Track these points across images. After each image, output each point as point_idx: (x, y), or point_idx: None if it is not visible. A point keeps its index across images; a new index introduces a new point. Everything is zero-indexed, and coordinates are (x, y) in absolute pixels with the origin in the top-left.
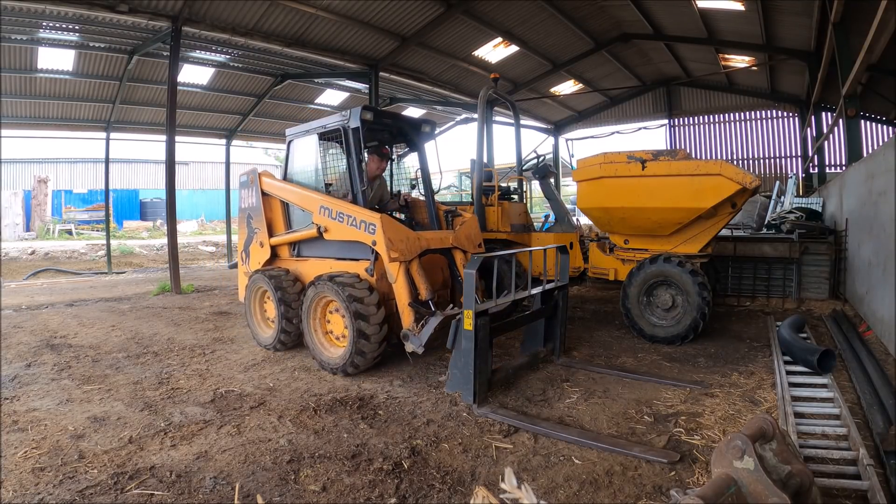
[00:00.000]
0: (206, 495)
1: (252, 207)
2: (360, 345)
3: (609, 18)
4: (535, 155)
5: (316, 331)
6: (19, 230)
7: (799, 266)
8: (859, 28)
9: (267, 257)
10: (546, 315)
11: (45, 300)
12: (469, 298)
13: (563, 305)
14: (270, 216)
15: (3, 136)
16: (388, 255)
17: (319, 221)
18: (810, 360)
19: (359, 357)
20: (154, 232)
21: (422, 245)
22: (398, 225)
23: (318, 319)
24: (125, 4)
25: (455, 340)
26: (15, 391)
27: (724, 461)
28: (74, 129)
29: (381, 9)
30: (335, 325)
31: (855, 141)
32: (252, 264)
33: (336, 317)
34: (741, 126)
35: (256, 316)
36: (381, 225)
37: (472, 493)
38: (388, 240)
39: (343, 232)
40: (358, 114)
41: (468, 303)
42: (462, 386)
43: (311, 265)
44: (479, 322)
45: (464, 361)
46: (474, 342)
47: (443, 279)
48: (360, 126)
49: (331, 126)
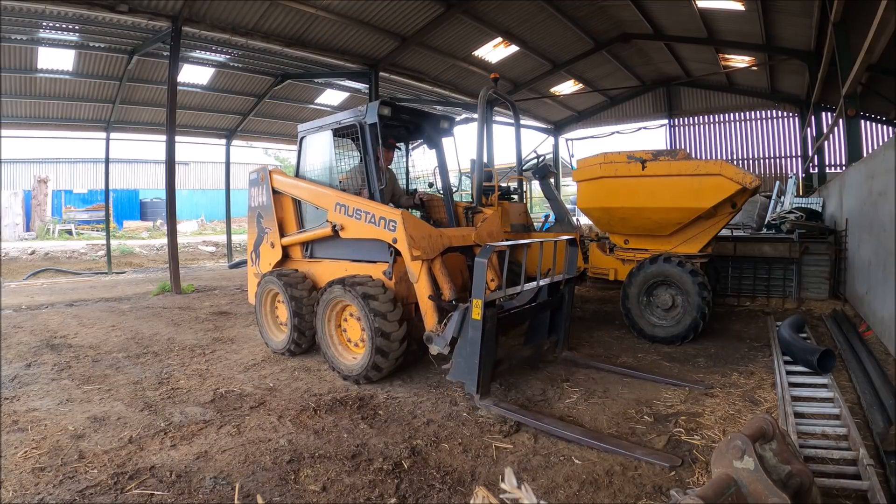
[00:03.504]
0: (206, 495)
1: (262, 206)
2: (380, 344)
3: (609, 18)
4: (535, 155)
5: (332, 338)
6: (19, 230)
7: (799, 266)
8: (859, 28)
9: (278, 258)
10: (552, 307)
11: (45, 300)
12: (479, 288)
13: (569, 299)
14: (282, 215)
15: (3, 136)
16: (411, 252)
17: (335, 219)
18: (810, 360)
19: (380, 357)
20: (154, 232)
21: (444, 243)
22: (420, 222)
23: (333, 326)
24: (125, 4)
25: (462, 329)
26: (15, 391)
27: (724, 461)
28: (74, 129)
29: (381, 9)
30: (352, 331)
31: (855, 141)
32: (262, 265)
33: (352, 321)
34: (741, 126)
35: (267, 319)
36: (402, 221)
37: (472, 493)
38: (409, 237)
39: (361, 230)
40: (375, 109)
41: (478, 292)
42: (466, 375)
43: (325, 267)
44: (487, 312)
45: (469, 350)
46: (482, 332)
47: (462, 280)
48: (378, 122)
49: (346, 122)
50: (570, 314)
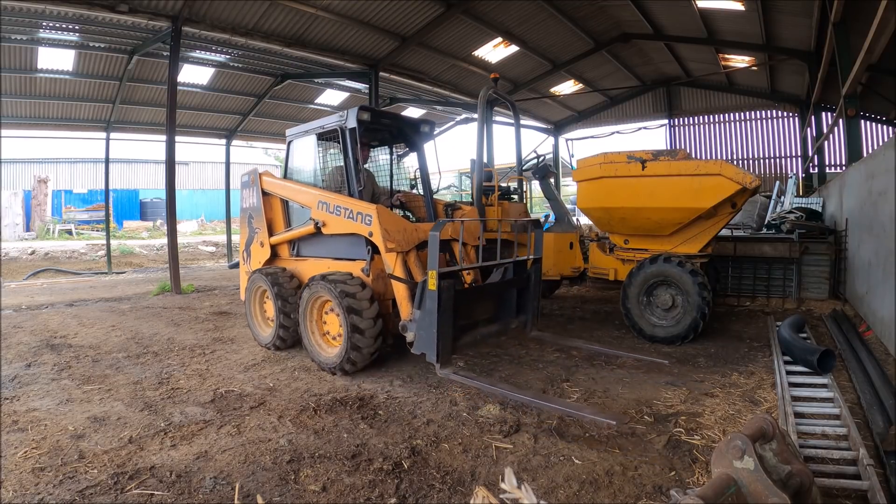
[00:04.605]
0: (206, 495)
1: (253, 207)
2: (355, 339)
3: (609, 18)
4: (535, 155)
5: (313, 332)
6: (19, 230)
7: (799, 266)
8: (859, 28)
9: (267, 256)
10: (517, 286)
11: (45, 300)
12: (433, 260)
13: (535, 279)
14: (271, 215)
15: (3, 136)
16: (385, 245)
17: (318, 216)
18: (810, 360)
19: (354, 353)
20: (154, 232)
21: (419, 237)
22: (395, 216)
23: (314, 321)
24: (125, 4)
25: (421, 301)
26: (15, 391)
27: (724, 461)
28: (74, 129)
29: (381, 9)
30: (331, 325)
31: (855, 141)
32: (253, 264)
33: (332, 316)
34: (741, 126)
35: (256, 315)
36: (378, 216)
37: (472, 493)
38: (384, 230)
39: (340, 225)
40: (355, 114)
41: (432, 264)
42: (427, 346)
43: (309, 265)
44: (442, 283)
45: (428, 321)
46: (437, 302)
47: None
48: (357, 126)
49: (329, 126)
50: (537, 294)
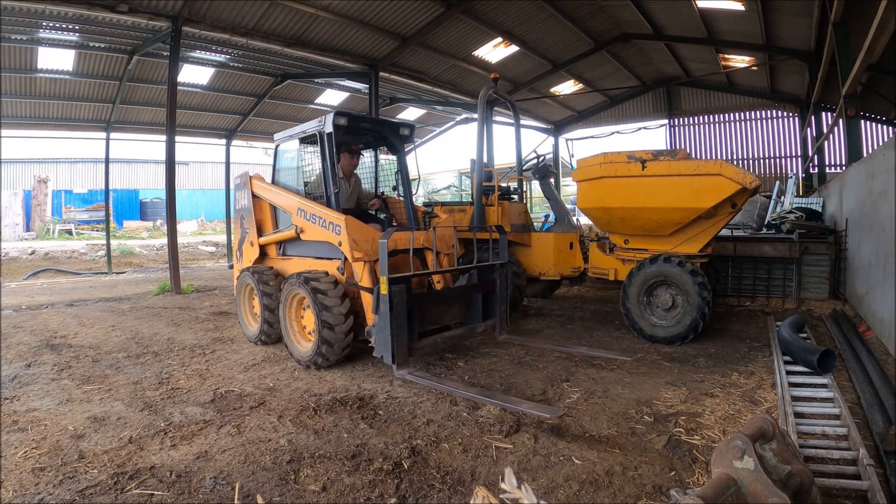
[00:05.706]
0: (206, 495)
1: (244, 209)
2: (325, 335)
3: (609, 18)
4: (535, 155)
5: (292, 327)
6: (19, 230)
7: (799, 266)
8: (859, 28)
9: (256, 255)
10: (481, 291)
11: (45, 300)
12: (383, 266)
13: (501, 284)
14: (260, 217)
15: (3, 136)
16: (352, 254)
17: (297, 223)
18: (810, 360)
19: (325, 347)
20: (154, 232)
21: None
22: (363, 226)
23: (293, 318)
24: (125, 4)
25: (377, 306)
26: (15, 391)
27: (724, 461)
28: (74, 129)
29: (381, 9)
30: (308, 320)
31: (855, 141)
32: (244, 263)
33: (308, 313)
34: (741, 126)
35: (245, 311)
36: (346, 226)
37: (472, 493)
38: (351, 240)
39: (316, 233)
40: (331, 119)
41: (382, 270)
42: (384, 349)
43: (293, 263)
44: (393, 288)
45: (382, 324)
46: (390, 306)
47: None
48: (334, 131)
49: (310, 131)
50: (504, 298)
